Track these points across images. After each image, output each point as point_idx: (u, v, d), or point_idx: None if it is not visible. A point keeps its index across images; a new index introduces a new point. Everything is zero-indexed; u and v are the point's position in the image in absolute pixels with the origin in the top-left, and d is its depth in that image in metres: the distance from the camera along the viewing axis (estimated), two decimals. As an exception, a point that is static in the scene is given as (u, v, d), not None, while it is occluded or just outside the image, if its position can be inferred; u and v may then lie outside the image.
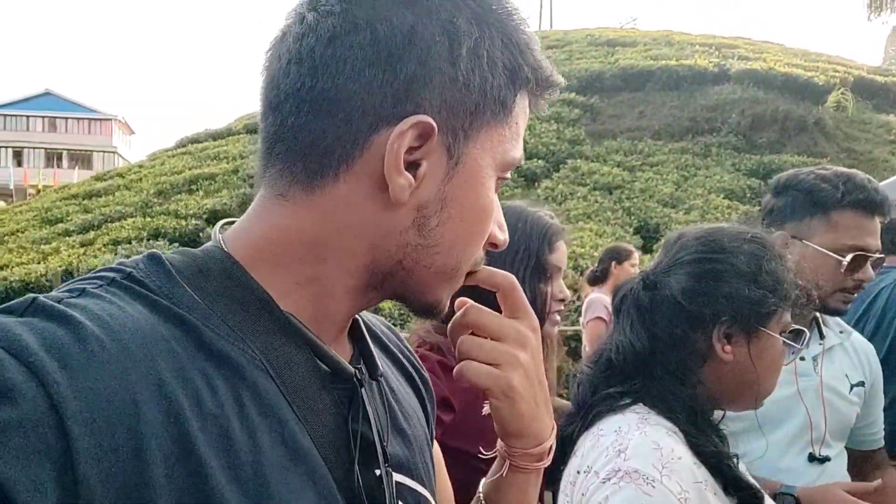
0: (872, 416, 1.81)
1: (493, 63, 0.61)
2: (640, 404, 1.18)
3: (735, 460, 1.16)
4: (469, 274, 0.69)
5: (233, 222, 0.66)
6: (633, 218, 11.60)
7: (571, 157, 14.26)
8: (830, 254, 1.63)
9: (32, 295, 0.52)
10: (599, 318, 4.60)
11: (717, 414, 1.26)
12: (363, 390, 0.64)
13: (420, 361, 0.87)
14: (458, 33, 0.59)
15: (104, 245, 11.65)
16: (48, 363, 0.46)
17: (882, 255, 1.70)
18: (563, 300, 1.65)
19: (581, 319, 5.02)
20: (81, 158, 47.93)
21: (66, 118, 49.61)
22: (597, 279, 4.97)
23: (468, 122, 0.61)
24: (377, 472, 0.63)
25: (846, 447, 1.78)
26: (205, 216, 12.25)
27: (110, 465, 0.46)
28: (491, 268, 0.72)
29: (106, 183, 16.41)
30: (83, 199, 15.17)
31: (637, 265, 4.65)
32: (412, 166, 0.59)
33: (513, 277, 0.74)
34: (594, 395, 1.23)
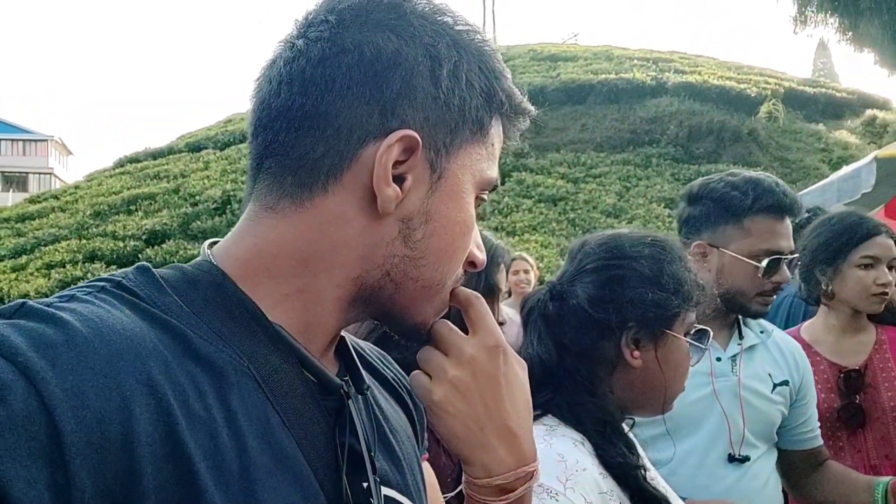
0: (806, 415, 1.80)
1: (471, 85, 0.65)
2: (549, 416, 1.17)
3: (643, 471, 1.15)
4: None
5: (217, 242, 0.67)
6: (577, 229, 11.78)
7: (516, 169, 14.44)
8: (747, 260, 1.64)
9: (22, 300, 0.52)
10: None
11: (628, 422, 1.26)
12: (350, 402, 0.64)
13: (411, 386, 0.85)
14: (440, 56, 0.63)
15: (37, 269, 11.24)
16: (37, 362, 0.46)
17: (796, 255, 1.73)
18: (501, 323, 1.66)
19: None
20: (16, 181, 46.31)
21: (0, 140, 47.90)
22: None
23: (449, 138, 0.64)
24: (365, 484, 0.63)
25: (784, 448, 1.80)
26: (144, 237, 11.90)
27: (100, 462, 0.46)
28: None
29: (40, 205, 15.84)
30: (16, 223, 14.62)
31: (521, 270, 4.78)
32: (398, 179, 0.62)
33: (472, 293, 0.72)
34: None
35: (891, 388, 2.11)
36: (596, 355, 1.20)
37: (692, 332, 1.24)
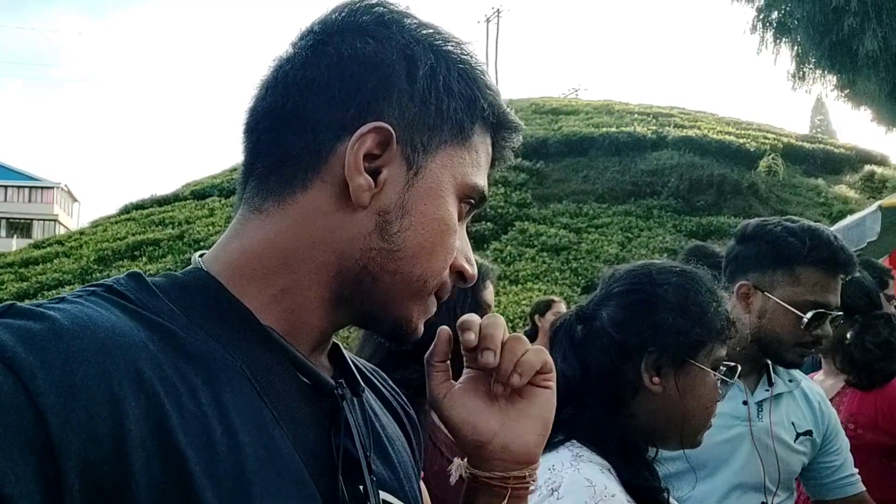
0: (839, 461, 1.76)
1: (449, 88, 0.66)
2: (574, 441, 1.17)
3: (666, 495, 1.15)
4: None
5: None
6: (580, 278, 11.81)
7: (519, 219, 14.55)
8: (792, 309, 1.60)
9: (11, 301, 0.52)
10: None
11: (652, 452, 1.25)
12: (345, 404, 0.64)
13: (406, 400, 0.86)
14: (416, 58, 0.65)
15: (39, 314, 11.19)
16: (25, 358, 0.46)
17: (841, 313, 1.67)
18: None
19: None
20: (21, 227, 46.54)
21: (6, 186, 48.34)
22: (529, 336, 5.04)
23: (426, 136, 0.65)
24: (361, 487, 0.63)
25: (828, 499, 1.76)
26: (147, 282, 11.91)
27: (91, 457, 0.46)
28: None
29: (44, 250, 15.93)
30: (19, 267, 14.67)
31: (561, 312, 4.75)
32: (374, 173, 0.63)
33: (496, 317, 0.74)
34: None
35: None
36: (618, 378, 1.20)
37: (721, 368, 1.23)
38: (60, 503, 0.45)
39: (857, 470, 1.80)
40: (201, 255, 0.66)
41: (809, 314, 1.59)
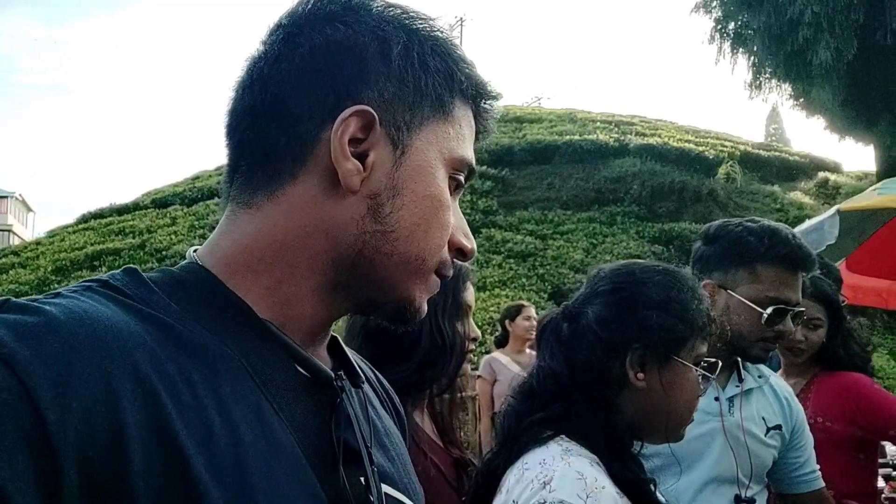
0: (804, 456, 1.83)
1: (425, 64, 0.66)
2: (562, 436, 1.19)
3: (652, 487, 1.18)
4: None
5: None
6: (546, 284, 11.90)
7: (485, 226, 14.60)
8: (752, 305, 1.67)
9: (5, 297, 0.52)
10: (480, 376, 4.78)
11: (636, 446, 1.28)
12: (344, 396, 0.65)
13: (398, 399, 0.87)
14: (388, 38, 0.65)
15: (-6, 326, 10.85)
16: (21, 352, 0.46)
17: (802, 309, 1.74)
18: (475, 339, 1.67)
19: None
20: (-29, 237, 45.08)
21: (-43, 196, 46.85)
22: (500, 342, 5.09)
23: (408, 115, 0.65)
24: (362, 479, 0.63)
25: (793, 493, 1.81)
26: (108, 293, 11.63)
27: (88, 451, 0.46)
28: None
29: (-1, 261, 15.43)
30: (-28, 279, 14.16)
31: (532, 317, 4.81)
32: (361, 157, 0.63)
33: None
34: (519, 425, 1.23)
35: None
36: (604, 374, 1.23)
37: (702, 364, 1.27)
38: (58, 498, 0.45)
39: (818, 466, 1.86)
40: (195, 251, 0.66)
41: (769, 310, 1.66)
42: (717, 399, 1.74)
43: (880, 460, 2.98)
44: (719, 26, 14.21)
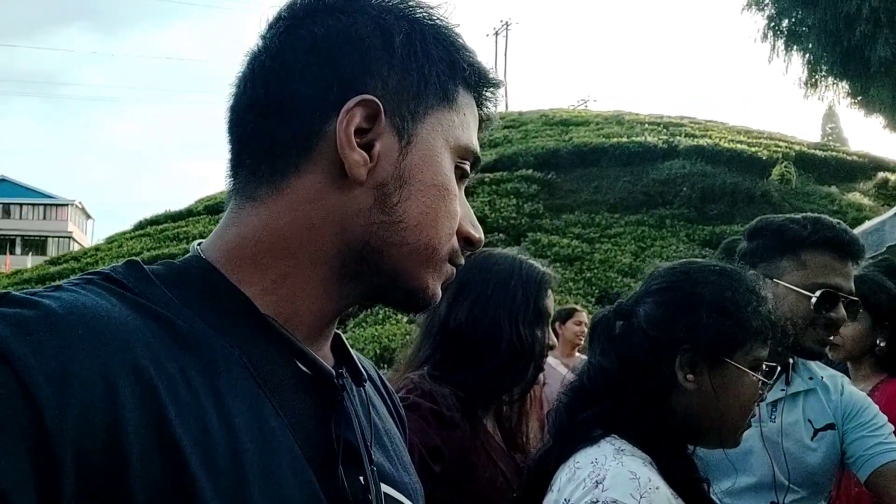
0: (870, 431, 1.67)
1: (428, 52, 0.66)
2: (614, 435, 1.18)
3: (706, 486, 1.16)
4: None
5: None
6: (594, 288, 11.78)
7: (531, 230, 14.55)
8: (800, 290, 1.61)
9: (4, 291, 0.52)
10: None
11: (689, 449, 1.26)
12: (346, 395, 0.64)
13: (399, 401, 0.86)
14: (390, 27, 0.64)
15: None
16: (19, 348, 0.46)
17: (856, 299, 1.66)
18: (551, 347, 1.66)
19: None
20: (35, 244, 46.93)
21: (21, 204, 48.85)
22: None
23: (413, 104, 0.65)
24: (361, 478, 0.62)
25: (867, 478, 1.64)
26: (163, 297, 11.97)
27: (86, 448, 0.46)
28: None
29: (60, 267, 16.08)
30: (36, 284, 14.75)
31: (583, 321, 4.75)
32: (367, 148, 0.63)
33: None
34: (570, 422, 1.23)
35: None
36: (654, 374, 1.21)
37: (761, 368, 1.23)
38: (57, 494, 0.45)
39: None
40: (199, 244, 0.66)
41: (818, 293, 1.60)
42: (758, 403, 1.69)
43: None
44: (772, 24, 13.82)
